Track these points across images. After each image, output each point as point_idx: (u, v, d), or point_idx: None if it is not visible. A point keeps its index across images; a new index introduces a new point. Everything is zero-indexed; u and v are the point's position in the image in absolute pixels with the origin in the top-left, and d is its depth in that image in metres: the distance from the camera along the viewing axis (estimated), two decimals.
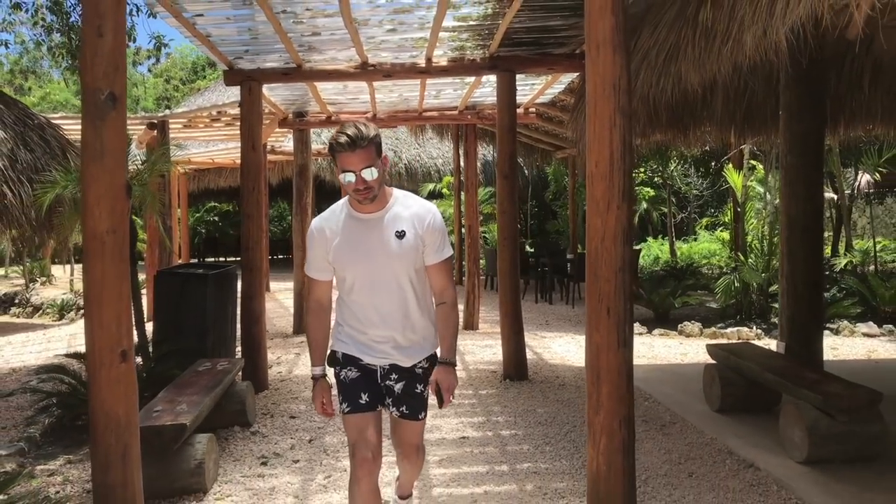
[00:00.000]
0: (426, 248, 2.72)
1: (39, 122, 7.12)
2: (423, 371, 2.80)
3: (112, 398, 3.14)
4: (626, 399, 3.32)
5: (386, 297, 2.68)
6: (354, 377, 2.75)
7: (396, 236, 2.67)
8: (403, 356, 2.75)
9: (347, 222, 2.71)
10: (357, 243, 2.67)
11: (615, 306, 3.25)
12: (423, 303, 2.77)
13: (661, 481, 3.99)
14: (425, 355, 2.80)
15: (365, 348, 2.74)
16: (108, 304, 3.13)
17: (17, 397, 6.06)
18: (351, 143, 2.53)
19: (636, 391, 6.04)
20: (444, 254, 2.76)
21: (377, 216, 2.69)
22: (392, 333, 2.71)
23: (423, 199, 2.83)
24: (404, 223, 2.70)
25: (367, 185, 2.59)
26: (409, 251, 2.68)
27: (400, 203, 2.75)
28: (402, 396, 2.78)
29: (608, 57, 3.23)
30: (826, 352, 7.71)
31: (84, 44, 3.14)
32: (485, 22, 5.60)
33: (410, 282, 2.71)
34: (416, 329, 2.75)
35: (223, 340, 6.27)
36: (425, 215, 2.73)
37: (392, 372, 2.77)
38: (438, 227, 2.74)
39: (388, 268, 2.66)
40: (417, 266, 2.72)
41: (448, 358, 2.74)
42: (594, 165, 3.28)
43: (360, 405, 2.71)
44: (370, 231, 2.68)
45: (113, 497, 3.12)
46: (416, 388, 2.80)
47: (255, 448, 4.67)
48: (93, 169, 3.11)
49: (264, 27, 5.41)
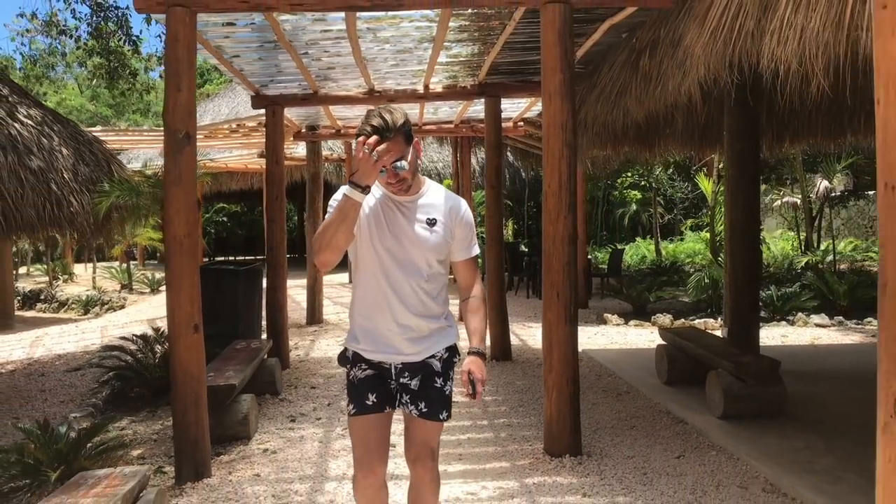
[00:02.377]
0: (456, 241, 2.64)
1: (87, 137, 8.19)
2: (441, 364, 2.65)
3: (188, 359, 4.23)
4: (571, 362, 4.39)
5: (405, 283, 2.55)
6: (363, 377, 2.62)
7: (427, 223, 2.58)
8: (416, 349, 2.59)
9: (380, 202, 2.58)
10: (386, 222, 2.56)
11: (563, 292, 4.34)
12: (439, 295, 2.66)
13: (607, 432, 5.05)
14: (440, 348, 2.64)
15: (377, 343, 2.59)
16: (184, 290, 4.22)
17: (83, 372, 7.17)
18: (377, 135, 2.39)
19: (602, 369, 7.17)
20: (474, 250, 2.71)
21: (411, 200, 2.59)
22: (406, 323, 2.57)
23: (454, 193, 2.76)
24: (436, 212, 2.60)
25: (400, 177, 2.49)
26: (438, 240, 2.58)
27: (433, 192, 2.66)
28: (421, 392, 2.62)
29: (558, 105, 4.32)
30: (776, 339, 8.86)
31: (167, 96, 4.22)
32: (473, 58, 6.67)
33: (435, 272, 2.60)
34: (431, 320, 2.61)
35: (251, 326, 7.36)
36: (458, 207, 2.65)
37: (405, 370, 2.62)
38: (470, 222, 2.68)
39: (413, 253, 2.55)
40: (441, 257, 2.62)
41: (479, 348, 2.62)
42: (547, 186, 4.37)
43: (367, 406, 2.59)
44: (401, 214, 2.57)
45: (189, 432, 4.21)
46: (436, 382, 2.63)
47: (284, 410, 5.76)
48: (173, 190, 4.19)
49: (287, 63, 6.48)
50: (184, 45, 4.18)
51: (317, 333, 9.52)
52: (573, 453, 4.41)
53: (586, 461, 4.38)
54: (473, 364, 2.57)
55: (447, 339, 2.66)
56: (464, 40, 6.11)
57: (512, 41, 6.06)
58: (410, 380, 2.62)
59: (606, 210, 21.54)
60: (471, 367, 2.56)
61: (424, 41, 6.01)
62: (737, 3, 3.61)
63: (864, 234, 17.38)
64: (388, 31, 5.74)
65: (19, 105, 6.81)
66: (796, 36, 2.95)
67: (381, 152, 2.36)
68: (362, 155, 2.33)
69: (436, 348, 2.63)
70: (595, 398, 5.97)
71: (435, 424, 2.63)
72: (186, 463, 4.19)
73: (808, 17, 2.98)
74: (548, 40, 4.33)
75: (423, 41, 6.01)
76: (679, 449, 4.64)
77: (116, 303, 15.61)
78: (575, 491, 3.93)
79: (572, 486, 4.00)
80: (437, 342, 2.63)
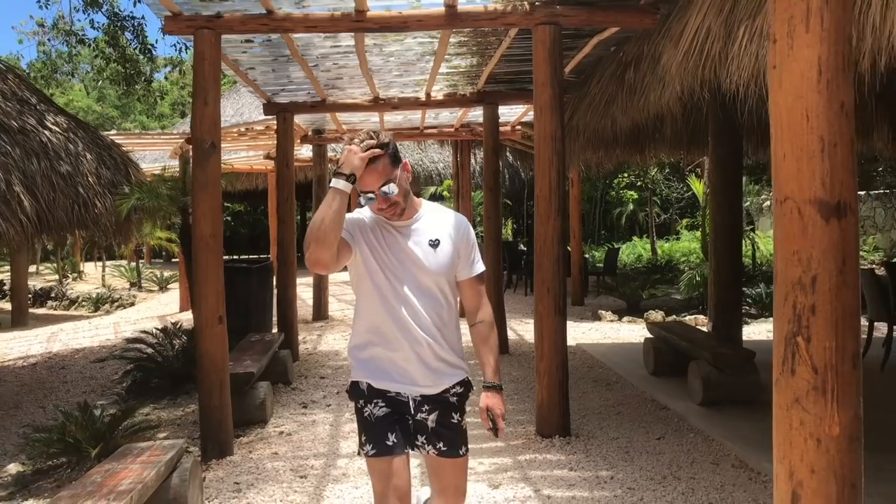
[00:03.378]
0: (460, 260, 2.52)
1: (107, 142, 8.62)
2: (457, 398, 2.52)
3: (213, 347, 4.67)
4: (560, 350, 4.83)
5: (417, 312, 2.42)
6: (381, 415, 2.45)
7: (430, 245, 2.46)
8: (433, 381, 2.47)
9: (377, 228, 2.47)
10: (387, 251, 2.44)
11: (552, 286, 4.77)
12: (453, 321, 2.53)
13: (595, 416, 5.49)
14: (457, 380, 2.52)
15: (391, 374, 2.46)
16: (210, 284, 4.66)
17: (102, 365, 7.61)
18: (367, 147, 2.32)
19: (594, 361, 7.60)
20: (478, 268, 2.57)
21: (407, 224, 2.48)
22: (421, 355, 2.43)
23: (451, 210, 2.68)
24: (438, 232, 2.49)
25: (391, 201, 2.37)
26: (444, 262, 2.47)
27: (430, 212, 2.55)
28: (437, 430, 2.48)
29: (548, 117, 4.75)
30: (762, 334, 9.29)
31: (194, 110, 4.66)
32: (472, 69, 7.11)
33: (444, 295, 2.49)
34: (447, 349, 2.48)
35: (262, 320, 7.81)
36: (459, 224, 2.55)
37: (424, 403, 2.47)
38: (472, 238, 2.57)
39: (421, 279, 2.44)
40: (450, 279, 2.50)
41: (495, 381, 2.50)
42: (539, 190, 4.81)
43: (388, 447, 2.41)
44: (401, 240, 2.46)
45: (214, 414, 4.65)
46: (453, 418, 2.50)
47: (296, 398, 6.21)
48: (201, 194, 4.63)
49: (297, 73, 6.92)
50: (210, 64, 4.62)
51: (323, 329, 9.96)
52: (562, 434, 4.85)
53: (574, 441, 4.82)
54: (490, 399, 2.47)
55: (460, 373, 2.53)
56: (463, 53, 6.55)
57: (508, 54, 6.49)
58: (428, 415, 2.48)
59: (604, 210, 21.96)
60: (488, 402, 2.47)
61: (426, 54, 6.44)
62: (706, 29, 4.05)
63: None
64: (394, 46, 6.18)
65: (46, 112, 7.25)
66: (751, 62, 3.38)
67: (369, 144, 2.29)
68: (350, 147, 2.30)
69: (451, 380, 2.50)
70: (585, 387, 6.40)
71: (459, 462, 2.53)
72: (212, 442, 4.63)
73: (762, 44, 3.41)
74: (539, 58, 4.77)
75: (425, 54, 6.44)
76: (660, 431, 5.07)
77: (126, 300, 16.05)
78: (563, 466, 4.37)
79: (560, 462, 4.44)
80: (453, 374, 2.50)
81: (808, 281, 1.70)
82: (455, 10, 4.71)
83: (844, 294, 1.69)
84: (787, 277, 1.75)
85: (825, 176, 1.68)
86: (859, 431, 1.72)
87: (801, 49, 1.70)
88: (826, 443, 1.69)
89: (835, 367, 1.68)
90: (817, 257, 1.69)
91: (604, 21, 4.92)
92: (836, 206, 1.68)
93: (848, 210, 1.69)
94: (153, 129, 30.34)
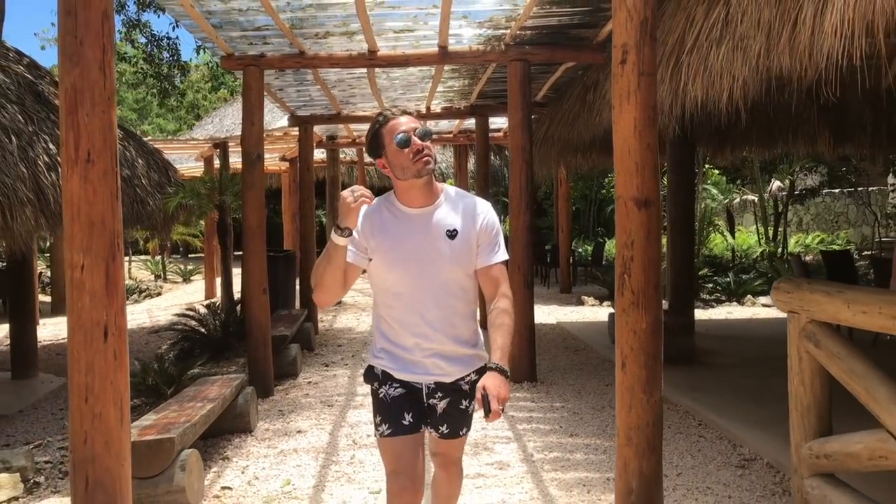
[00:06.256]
0: (480, 248, 2.43)
1: (149, 148, 9.98)
2: (469, 386, 2.50)
3: (258, 313, 6.03)
4: (528, 316, 6.17)
5: (433, 303, 2.40)
6: (396, 395, 2.45)
7: (448, 235, 2.39)
8: (449, 370, 2.45)
9: (392, 219, 2.42)
10: (403, 242, 2.39)
11: (522, 265, 6.10)
12: (471, 311, 2.51)
13: (560, 371, 6.82)
14: (473, 369, 2.50)
15: (408, 364, 2.45)
16: (256, 263, 6.01)
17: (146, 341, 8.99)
18: (401, 112, 2.39)
19: (568, 335, 8.94)
20: (501, 255, 2.47)
21: (426, 211, 2.41)
22: (438, 346, 2.42)
23: (475, 195, 2.57)
24: (457, 220, 2.42)
25: (423, 146, 2.32)
26: (463, 252, 2.40)
27: (450, 198, 2.47)
28: (444, 416, 2.50)
29: (519, 133, 6.09)
30: (722, 315, 10.60)
31: (244, 128, 6.03)
32: (465, 88, 8.45)
33: (461, 286, 2.44)
34: (464, 340, 2.47)
35: (287, 299, 9.18)
36: (480, 211, 2.46)
37: (437, 390, 2.47)
38: (494, 225, 2.48)
39: (438, 271, 2.39)
40: (469, 270, 2.44)
41: (499, 364, 2.33)
42: (512, 191, 6.14)
43: (404, 427, 2.42)
44: (418, 229, 2.40)
45: (259, 364, 6.02)
46: (461, 404, 2.52)
47: (318, 360, 7.57)
48: (249, 193, 5.99)
49: (317, 92, 8.27)
50: (255, 93, 5.98)
51: (337, 310, 11.33)
52: (530, 380, 6.20)
53: (539, 386, 6.16)
54: (489, 379, 2.26)
55: (477, 362, 2.51)
56: (456, 77, 7.89)
57: (494, 76, 7.83)
58: (439, 401, 2.48)
59: (598, 207, 23.26)
60: (486, 382, 2.25)
61: (426, 78, 7.79)
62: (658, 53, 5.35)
63: (831, 229, 19.09)
64: (398, 72, 7.52)
65: None
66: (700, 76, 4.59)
67: (363, 193, 2.27)
68: (346, 198, 2.26)
69: (470, 368, 2.49)
70: (557, 352, 7.75)
71: (459, 441, 2.59)
72: (258, 385, 5.97)
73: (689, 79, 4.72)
74: (512, 87, 6.11)
75: (424, 78, 7.79)
76: (609, 380, 6.40)
77: (154, 290, 17.43)
78: (527, 401, 5.72)
79: (525, 397, 5.79)
80: (469, 364, 2.49)
81: (630, 243, 3.03)
82: (446, 50, 6.05)
83: (649, 251, 3.02)
84: (620, 241, 3.08)
85: (639, 184, 3.01)
86: (660, 327, 3.06)
87: (626, 113, 3.03)
88: (639, 333, 3.03)
89: (644, 291, 3.01)
90: (634, 230, 3.02)
91: (563, 57, 6.26)
92: (644, 201, 3.01)
93: (651, 203, 3.02)
94: (168, 131, 31.77)
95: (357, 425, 5.17)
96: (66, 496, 4.08)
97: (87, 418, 2.86)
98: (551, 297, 12.67)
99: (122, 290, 2.98)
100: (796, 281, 3.13)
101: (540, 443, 4.68)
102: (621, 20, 3.00)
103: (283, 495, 3.93)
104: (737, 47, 3.48)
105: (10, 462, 4.47)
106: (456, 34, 5.95)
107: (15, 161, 5.99)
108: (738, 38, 3.48)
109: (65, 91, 2.76)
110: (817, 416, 3.05)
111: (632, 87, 3.03)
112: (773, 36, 3.18)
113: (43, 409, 6.66)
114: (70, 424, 2.96)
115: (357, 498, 3.85)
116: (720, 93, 3.80)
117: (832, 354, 2.85)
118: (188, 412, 4.14)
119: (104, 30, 2.79)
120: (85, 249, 2.81)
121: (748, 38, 3.37)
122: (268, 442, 4.84)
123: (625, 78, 3.02)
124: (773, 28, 3.18)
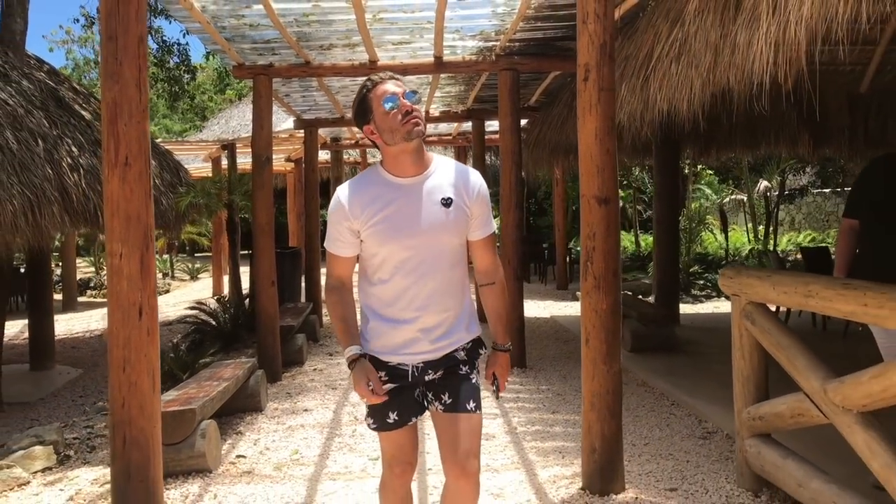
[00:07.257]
0: (473, 220, 2.39)
1: (161, 149, 10.47)
2: (466, 352, 2.43)
3: (267, 304, 6.50)
4: (518, 306, 6.63)
5: (428, 276, 2.32)
6: None
7: (443, 203, 2.32)
8: (439, 345, 2.37)
9: (381, 191, 2.33)
10: (396, 214, 2.30)
11: (512, 259, 6.57)
12: (464, 283, 2.44)
13: (549, 359, 7.28)
14: (464, 342, 2.43)
15: (395, 345, 2.37)
16: (265, 258, 6.49)
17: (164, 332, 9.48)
18: (389, 77, 2.34)
19: (560, 327, 9.39)
20: (491, 227, 2.48)
21: (417, 181, 2.34)
22: (431, 320, 2.35)
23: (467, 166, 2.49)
24: (450, 189, 2.35)
25: (413, 108, 2.27)
26: (458, 221, 2.34)
27: (442, 167, 2.39)
28: (444, 381, 2.40)
29: (508, 137, 6.55)
30: (709, 309, 11.04)
31: (253, 132, 6.50)
32: (461, 93, 8.92)
33: (455, 257, 2.39)
34: (457, 313, 2.41)
35: (293, 293, 9.67)
36: (474, 181, 2.41)
37: (427, 368, 2.39)
38: (485, 195, 2.44)
39: (433, 241, 2.32)
40: (462, 239, 2.39)
41: (504, 344, 2.48)
42: (503, 189, 6.61)
43: (387, 424, 2.39)
44: (410, 199, 2.32)
45: (268, 351, 6.49)
46: (461, 369, 2.41)
47: (322, 350, 8.05)
48: (259, 193, 6.47)
49: (321, 98, 8.75)
50: (265, 99, 6.45)
51: None
52: (520, 366, 6.67)
53: (528, 371, 6.63)
54: (500, 367, 2.52)
55: (471, 333, 2.45)
56: (453, 83, 8.37)
57: (488, 82, 8.30)
58: (435, 373, 2.40)
59: None
60: (496, 370, 2.51)
61: (424, 84, 8.26)
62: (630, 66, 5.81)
63: (821, 227, 19.52)
64: None
65: None
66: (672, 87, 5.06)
67: (377, 388, 2.30)
68: (363, 395, 2.32)
69: (459, 343, 2.41)
70: (548, 342, 8.21)
71: (468, 420, 2.36)
72: (267, 370, 6.44)
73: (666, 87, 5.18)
74: (502, 95, 6.58)
75: (422, 84, 8.26)
76: None
77: (162, 288, 17.94)
78: (516, 384, 6.18)
79: (515, 381, 6.26)
80: (461, 338, 2.42)
81: (592, 235, 3.50)
82: (441, 60, 6.53)
83: (609, 241, 3.49)
84: (584, 233, 3.56)
85: (599, 184, 3.48)
86: (619, 308, 3.52)
87: (589, 123, 3.50)
88: (599, 312, 3.50)
89: (604, 276, 3.48)
90: (596, 223, 3.49)
91: (550, 67, 6.73)
92: (604, 199, 3.48)
93: (610, 201, 3.49)
94: (175, 131, 32.27)
95: (359, 405, 5.64)
96: (95, 466, 4.56)
97: (125, 386, 3.35)
98: (548, 293, 13.14)
99: (154, 275, 3.47)
100: (737, 268, 3.59)
101: (524, 418, 5.16)
102: (584, 43, 3.47)
103: (291, 462, 4.41)
104: (691, 63, 3.95)
105: (43, 437, 4.96)
106: (450, 45, 6.41)
107: (42, 163, 6.48)
108: (692, 55, 3.94)
109: (106, 105, 3.25)
110: (755, 384, 3.51)
111: (593, 101, 3.50)
112: (718, 54, 3.65)
113: (63, 396, 7.17)
114: (109, 391, 3.45)
115: (357, 464, 4.33)
116: (681, 102, 4.26)
117: (764, 330, 3.31)
118: (206, 389, 4.62)
119: (140, 52, 3.28)
120: (123, 240, 3.29)
121: (700, 55, 3.83)
122: (277, 419, 5.32)
123: (587, 93, 3.49)
124: (718, 48, 3.64)
